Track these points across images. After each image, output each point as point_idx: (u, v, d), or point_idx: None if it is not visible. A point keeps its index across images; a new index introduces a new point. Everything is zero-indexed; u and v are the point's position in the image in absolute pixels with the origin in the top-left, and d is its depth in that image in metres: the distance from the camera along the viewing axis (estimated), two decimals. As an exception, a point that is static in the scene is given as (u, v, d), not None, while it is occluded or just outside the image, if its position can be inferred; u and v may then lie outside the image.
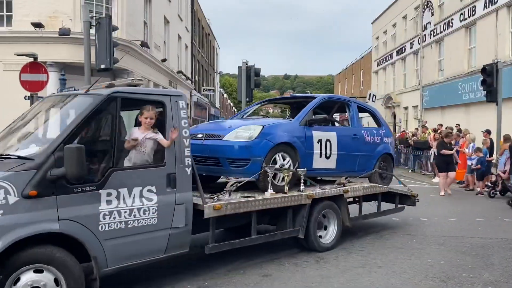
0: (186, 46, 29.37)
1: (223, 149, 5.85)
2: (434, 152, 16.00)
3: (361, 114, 8.19)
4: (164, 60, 21.13)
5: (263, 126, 5.98)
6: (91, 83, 9.51)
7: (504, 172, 11.63)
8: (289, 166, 6.10)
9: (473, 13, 20.73)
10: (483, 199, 11.79)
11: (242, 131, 5.94)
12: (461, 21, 22.02)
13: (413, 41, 28.82)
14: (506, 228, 8.18)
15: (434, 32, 25.41)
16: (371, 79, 39.40)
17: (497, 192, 11.90)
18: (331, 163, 6.85)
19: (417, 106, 27.53)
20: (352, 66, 47.66)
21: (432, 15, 25.70)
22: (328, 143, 6.73)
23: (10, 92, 12.71)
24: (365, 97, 38.71)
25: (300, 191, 6.06)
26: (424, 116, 25.69)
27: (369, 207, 7.75)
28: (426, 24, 26.46)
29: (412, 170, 19.28)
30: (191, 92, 30.94)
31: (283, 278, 5.29)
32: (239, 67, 14.28)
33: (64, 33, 12.23)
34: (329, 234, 6.57)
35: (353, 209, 7.38)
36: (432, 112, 25.26)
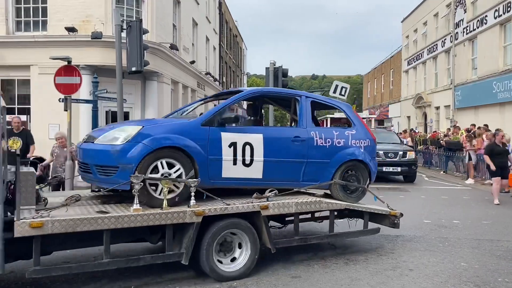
0: (214, 48, 29.60)
1: (92, 153, 5.12)
2: (469, 153, 15.58)
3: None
4: (192, 62, 21.37)
5: (143, 126, 5.11)
6: (122, 85, 9.79)
7: None
8: (180, 175, 5.08)
9: (508, 9, 20.07)
10: (520, 202, 11.40)
11: (117, 132, 5.09)
12: (495, 18, 21.35)
13: (445, 39, 28.14)
14: (545, 232, 7.88)
15: (467, 30, 24.74)
16: (401, 79, 38.70)
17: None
18: (254, 172, 5.66)
19: (449, 106, 26.84)
20: (381, 66, 46.96)
21: (465, 12, 25.02)
22: (247, 147, 5.58)
23: (45, 95, 13.18)
24: (398, 97, 37.89)
25: (189, 206, 4.98)
26: (456, 116, 25.04)
27: (346, 224, 6.84)
28: (459, 21, 25.79)
29: (444, 172, 18.81)
30: (219, 93, 31.16)
31: (312, 279, 5.27)
32: (267, 68, 14.30)
33: (96, 36, 12.54)
34: (239, 260, 5.34)
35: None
36: (465, 112, 24.58)
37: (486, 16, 22.28)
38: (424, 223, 8.60)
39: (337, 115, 24.96)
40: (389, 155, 15.00)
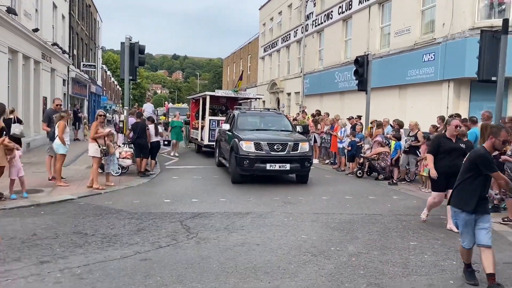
0: (63, 17, 26.87)
1: None
2: (314, 136, 17.05)
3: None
4: (36, 30, 19.06)
5: None
6: None
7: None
8: None
9: (350, 7, 22.38)
10: (352, 179, 12.94)
11: None
12: (339, 14, 23.63)
13: (297, 30, 30.18)
14: (370, 205, 9.08)
15: (315, 23, 26.89)
16: (257, 64, 40.42)
17: (364, 172, 13.13)
18: None
19: (298, 92, 29.03)
20: (240, 51, 48.35)
21: (314, 6, 27.13)
22: None
23: None
24: (255, 83, 39.20)
25: None
26: (305, 102, 27.21)
27: None
28: (309, 14, 27.88)
29: (292, 153, 20.27)
30: (68, 67, 28.55)
31: (162, 261, 5.20)
32: (122, 43, 13.51)
33: None
34: None
35: None
36: (312, 98, 26.85)
37: (332, 11, 24.51)
38: (273, 200, 9.21)
39: (220, 92, 19.17)
40: (275, 147, 11.01)
